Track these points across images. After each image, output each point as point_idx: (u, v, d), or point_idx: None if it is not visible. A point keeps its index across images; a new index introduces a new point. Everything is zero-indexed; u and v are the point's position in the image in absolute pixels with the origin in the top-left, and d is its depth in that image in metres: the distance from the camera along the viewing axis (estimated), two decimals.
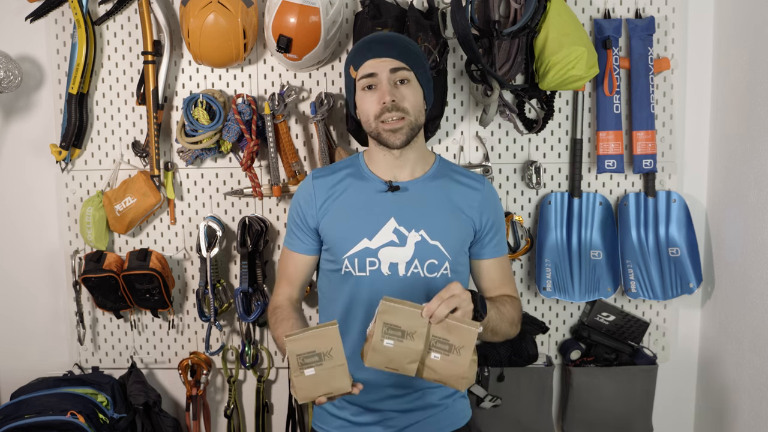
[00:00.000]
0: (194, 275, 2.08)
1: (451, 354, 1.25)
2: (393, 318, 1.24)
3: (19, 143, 2.06)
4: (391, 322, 1.24)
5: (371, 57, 1.43)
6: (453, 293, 1.25)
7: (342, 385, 1.25)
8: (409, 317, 1.24)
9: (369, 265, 1.46)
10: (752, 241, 1.79)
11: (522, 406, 2.01)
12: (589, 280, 1.97)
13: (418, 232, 1.46)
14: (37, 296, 2.12)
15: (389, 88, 1.41)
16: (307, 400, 1.26)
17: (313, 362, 1.22)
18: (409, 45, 1.48)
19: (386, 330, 1.24)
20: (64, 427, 1.79)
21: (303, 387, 1.24)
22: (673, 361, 2.09)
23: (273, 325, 1.51)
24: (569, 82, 1.79)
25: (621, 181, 2.03)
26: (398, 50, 1.43)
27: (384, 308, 1.24)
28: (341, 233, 1.48)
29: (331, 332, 1.23)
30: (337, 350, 1.23)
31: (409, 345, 1.25)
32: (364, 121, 1.46)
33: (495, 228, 1.54)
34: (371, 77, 1.42)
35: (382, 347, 1.25)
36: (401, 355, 1.25)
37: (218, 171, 2.04)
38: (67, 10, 1.98)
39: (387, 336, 1.24)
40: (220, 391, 2.16)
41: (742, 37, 1.84)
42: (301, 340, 1.22)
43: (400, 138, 1.42)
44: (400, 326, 1.24)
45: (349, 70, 1.47)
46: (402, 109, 1.41)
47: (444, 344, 1.25)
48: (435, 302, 1.24)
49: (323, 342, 1.22)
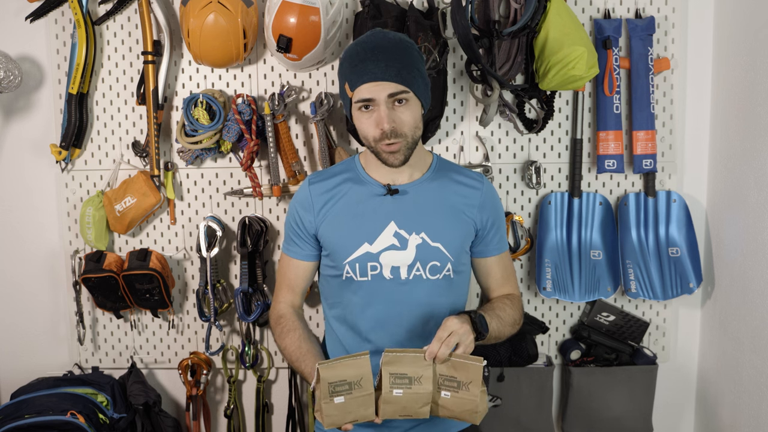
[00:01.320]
0: (194, 275, 2.08)
1: (460, 390, 1.27)
2: (398, 367, 1.26)
3: (19, 143, 2.06)
4: (396, 371, 1.26)
5: (368, 80, 1.34)
6: (451, 331, 1.27)
7: (368, 413, 1.28)
8: (413, 363, 1.27)
9: (370, 269, 1.45)
10: (752, 241, 1.79)
11: (522, 406, 2.01)
12: (589, 280, 1.97)
13: (418, 235, 1.45)
14: (37, 296, 2.11)
15: (387, 113, 1.35)
16: (333, 426, 1.28)
17: (344, 390, 1.24)
18: (406, 58, 1.36)
19: (393, 380, 1.26)
20: (64, 427, 1.79)
21: (331, 414, 1.26)
22: (673, 361, 2.09)
23: (279, 335, 1.51)
24: (569, 82, 1.79)
25: (621, 181, 2.03)
26: (396, 69, 1.34)
27: (387, 359, 1.26)
28: (341, 239, 1.47)
29: (362, 362, 1.25)
30: (366, 380, 1.26)
31: (418, 390, 1.27)
32: (363, 137, 1.42)
33: (496, 226, 1.54)
34: (369, 101, 1.36)
35: (393, 397, 1.27)
36: (412, 402, 1.28)
37: (218, 171, 2.04)
38: (67, 10, 1.98)
39: (395, 386, 1.26)
40: (220, 391, 2.16)
41: (742, 37, 1.84)
42: (334, 369, 1.25)
43: (399, 158, 1.40)
44: (406, 373, 1.26)
45: (345, 86, 1.40)
46: (399, 134, 1.37)
47: (452, 382, 1.27)
48: (435, 344, 1.26)
49: (355, 370, 1.25)
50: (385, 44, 1.37)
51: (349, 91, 1.39)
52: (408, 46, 1.39)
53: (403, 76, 1.35)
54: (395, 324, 1.46)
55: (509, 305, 1.50)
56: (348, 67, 1.39)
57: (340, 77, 1.43)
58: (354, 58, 1.38)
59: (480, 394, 1.28)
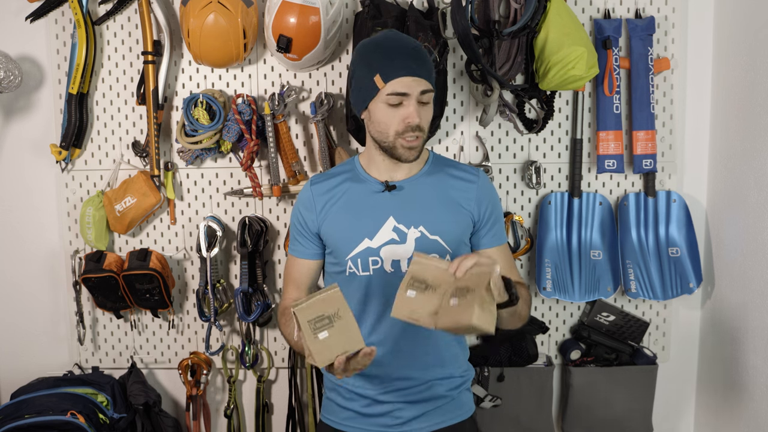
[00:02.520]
0: (194, 275, 2.08)
1: (468, 295, 1.24)
2: (421, 272, 1.29)
3: (19, 143, 2.06)
4: (419, 275, 1.29)
5: (405, 74, 1.39)
6: (486, 262, 1.26)
7: (355, 342, 1.29)
8: (435, 273, 1.29)
9: (372, 264, 1.49)
10: (752, 241, 1.79)
11: (522, 406, 2.01)
12: (589, 280, 1.97)
13: (417, 229, 1.48)
14: (37, 296, 2.11)
15: (417, 109, 1.41)
16: (326, 362, 1.29)
17: (325, 325, 1.27)
18: (430, 60, 1.46)
19: (412, 283, 1.29)
20: (64, 427, 1.79)
21: (320, 351, 1.28)
22: (673, 361, 2.09)
23: (284, 324, 1.54)
24: (569, 82, 1.79)
25: (621, 181, 2.03)
26: (427, 70, 1.43)
27: (414, 263, 1.30)
28: (342, 235, 1.51)
29: (335, 294, 1.28)
30: (344, 309, 1.28)
31: (431, 297, 1.28)
32: (381, 131, 1.44)
33: (493, 218, 1.56)
34: (402, 96, 1.40)
35: (405, 298, 1.29)
36: (420, 306, 1.28)
37: (218, 171, 2.04)
38: (67, 10, 1.98)
39: (411, 287, 1.29)
40: (220, 391, 2.16)
41: (742, 37, 1.84)
42: (309, 307, 1.27)
43: (414, 154, 1.46)
44: (426, 279, 1.29)
45: (375, 78, 1.41)
46: (422, 129, 1.44)
47: (465, 290, 1.26)
48: (458, 259, 1.27)
49: (330, 305, 1.27)
50: (414, 45, 1.45)
51: (381, 82, 1.40)
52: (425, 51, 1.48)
53: (432, 77, 1.45)
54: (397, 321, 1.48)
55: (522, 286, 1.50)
56: (380, 59, 1.41)
57: (366, 68, 1.43)
58: (389, 50, 1.41)
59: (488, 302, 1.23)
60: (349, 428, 1.54)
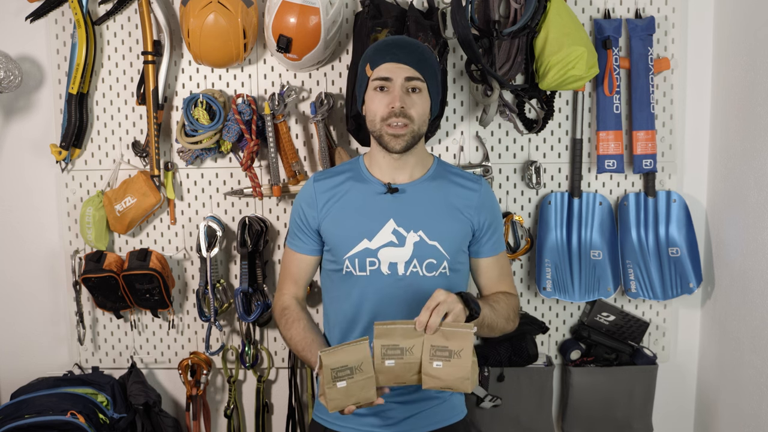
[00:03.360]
0: (194, 275, 2.08)
1: (452, 359, 1.30)
2: (389, 339, 1.31)
3: (19, 143, 2.06)
4: (388, 343, 1.31)
5: (390, 60, 1.43)
6: (438, 301, 1.31)
7: (369, 395, 1.33)
8: (404, 334, 1.31)
9: (369, 265, 1.49)
10: (752, 241, 1.79)
11: (522, 406, 2.01)
12: (589, 280, 1.97)
13: (416, 233, 1.49)
14: (37, 296, 2.11)
15: (401, 94, 1.43)
16: (337, 409, 1.33)
17: (345, 375, 1.30)
18: (427, 55, 1.48)
19: (385, 351, 1.32)
20: (64, 427, 1.79)
21: (334, 398, 1.32)
22: (673, 361, 2.09)
23: (284, 326, 1.55)
24: (569, 82, 1.79)
25: (621, 181, 2.03)
26: (417, 58, 1.44)
27: (379, 332, 1.32)
28: (342, 234, 1.51)
29: (362, 348, 1.31)
30: (367, 364, 1.31)
31: (410, 359, 1.32)
32: (370, 119, 1.48)
33: (493, 227, 1.56)
34: (385, 80, 1.44)
35: (385, 368, 1.32)
36: (405, 371, 1.33)
37: (218, 171, 2.04)
38: (67, 10, 1.98)
39: (387, 357, 1.32)
40: (220, 391, 2.16)
41: (742, 37, 1.84)
42: (336, 355, 1.30)
43: (401, 144, 1.45)
44: (398, 344, 1.32)
45: (366, 68, 1.47)
46: (408, 116, 1.44)
47: (443, 351, 1.31)
48: (425, 313, 1.30)
49: (355, 356, 1.30)
50: (411, 41, 1.50)
51: (369, 70, 1.46)
52: (429, 50, 1.51)
53: (421, 67, 1.45)
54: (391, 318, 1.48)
55: (503, 299, 1.54)
56: (372, 51, 1.49)
57: (362, 61, 1.50)
58: (380, 44, 1.49)
59: (471, 363, 1.31)
60: (340, 428, 1.54)
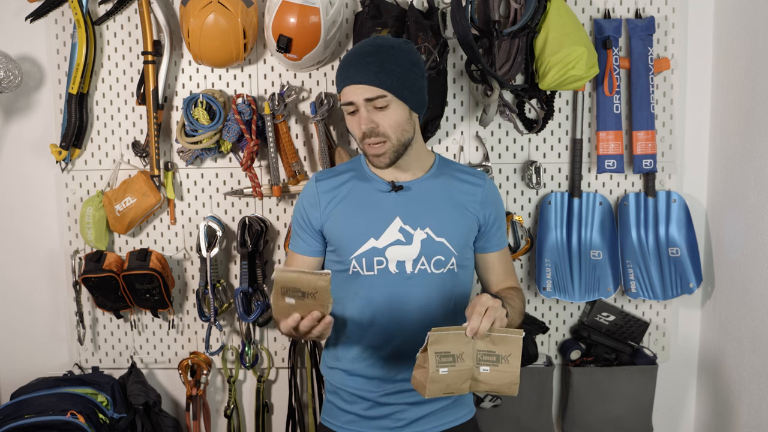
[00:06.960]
0: (194, 275, 2.08)
1: (500, 364, 1.30)
2: (443, 346, 1.28)
3: (19, 143, 2.06)
4: (441, 350, 1.28)
5: (348, 83, 1.40)
6: (487, 306, 1.28)
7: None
8: (455, 340, 1.29)
9: (377, 264, 1.48)
10: (752, 241, 1.79)
11: (522, 406, 2.01)
12: (589, 280, 1.97)
13: (423, 230, 1.48)
14: (37, 296, 2.11)
15: (366, 116, 1.40)
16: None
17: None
18: (389, 63, 1.38)
19: (439, 359, 1.28)
20: (64, 427, 1.79)
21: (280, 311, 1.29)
22: (673, 361, 2.09)
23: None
24: (569, 82, 1.79)
25: (621, 181, 2.03)
26: (373, 73, 1.36)
27: (433, 338, 1.28)
28: (348, 234, 1.50)
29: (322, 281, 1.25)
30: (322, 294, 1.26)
31: (461, 367, 1.29)
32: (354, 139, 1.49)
33: (498, 222, 1.57)
34: (350, 105, 1.41)
35: (439, 376, 1.29)
36: (456, 379, 1.30)
37: (218, 171, 2.04)
38: (67, 10, 1.98)
39: (441, 365, 1.28)
40: (220, 391, 2.16)
41: (742, 37, 1.84)
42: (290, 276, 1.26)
43: (384, 161, 1.45)
44: (449, 351, 1.29)
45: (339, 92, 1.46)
46: (381, 134, 1.41)
47: (491, 356, 1.30)
48: (476, 319, 1.27)
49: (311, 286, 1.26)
50: (372, 50, 1.40)
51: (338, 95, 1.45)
52: (397, 51, 1.40)
53: (381, 80, 1.37)
54: (400, 317, 1.48)
55: (515, 296, 1.53)
56: (337, 73, 1.45)
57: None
58: (343, 62, 1.43)
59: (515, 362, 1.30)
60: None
